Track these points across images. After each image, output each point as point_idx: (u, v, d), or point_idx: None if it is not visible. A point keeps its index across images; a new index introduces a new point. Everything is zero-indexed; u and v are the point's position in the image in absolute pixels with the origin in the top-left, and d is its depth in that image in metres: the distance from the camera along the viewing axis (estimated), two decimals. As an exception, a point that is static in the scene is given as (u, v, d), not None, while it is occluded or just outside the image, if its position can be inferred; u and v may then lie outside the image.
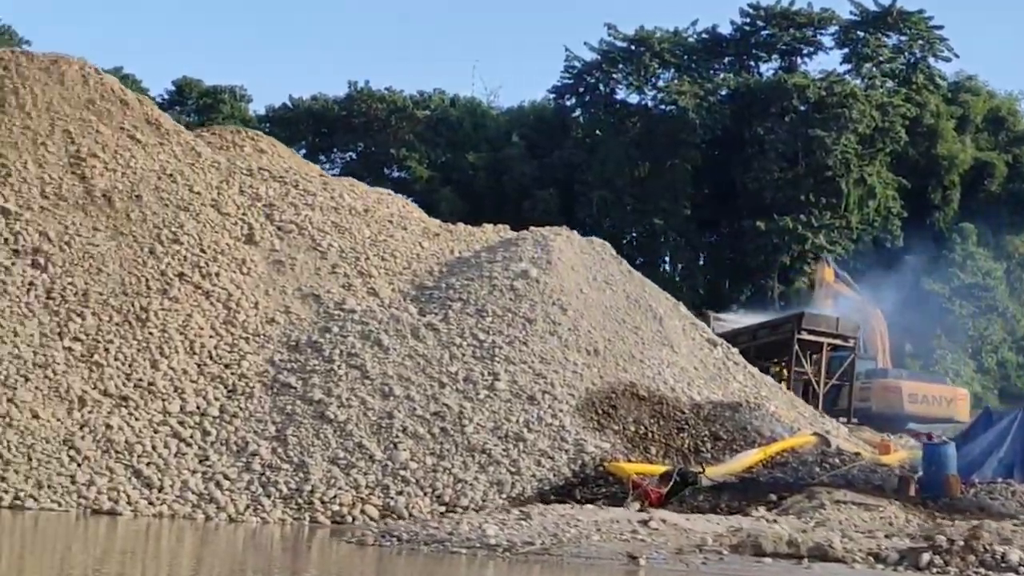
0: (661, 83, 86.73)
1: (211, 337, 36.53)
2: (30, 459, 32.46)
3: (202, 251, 38.40)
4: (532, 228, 42.80)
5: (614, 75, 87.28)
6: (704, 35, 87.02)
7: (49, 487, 32.07)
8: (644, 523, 26.76)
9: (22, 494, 31.71)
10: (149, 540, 29.12)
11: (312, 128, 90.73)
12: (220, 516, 32.27)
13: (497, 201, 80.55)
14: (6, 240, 37.14)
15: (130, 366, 35.24)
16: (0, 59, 41.58)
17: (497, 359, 36.65)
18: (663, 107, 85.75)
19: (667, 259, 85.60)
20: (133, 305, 36.51)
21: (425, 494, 33.34)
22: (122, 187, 39.25)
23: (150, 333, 36.07)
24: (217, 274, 37.93)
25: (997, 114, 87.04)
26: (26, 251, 36.98)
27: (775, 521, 29.32)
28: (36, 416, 33.32)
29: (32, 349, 34.73)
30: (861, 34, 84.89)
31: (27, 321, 35.31)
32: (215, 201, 40.03)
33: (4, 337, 34.72)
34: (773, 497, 32.45)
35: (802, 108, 79.40)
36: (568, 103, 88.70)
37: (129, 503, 32.25)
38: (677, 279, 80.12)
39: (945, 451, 34.18)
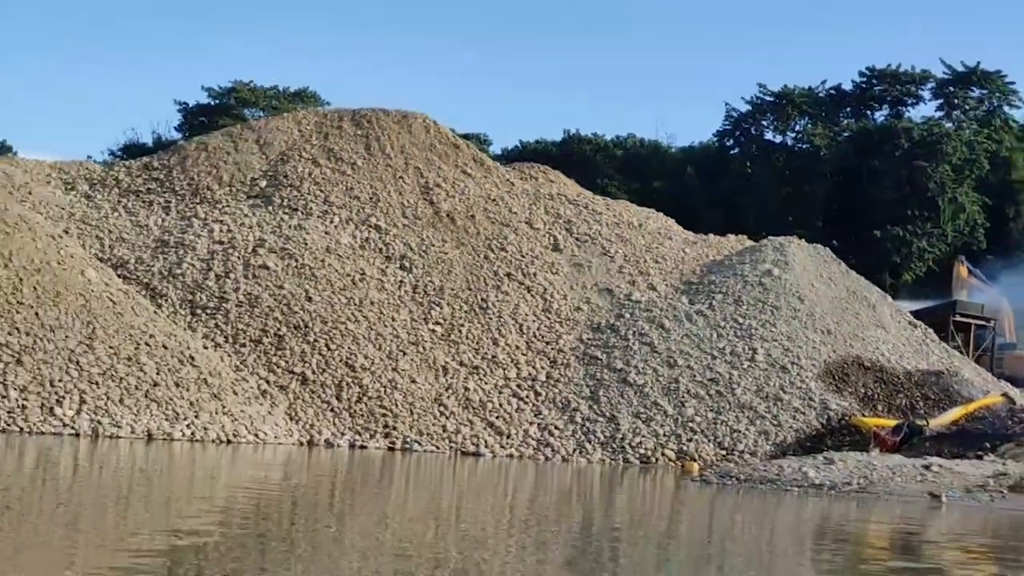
0: (799, 127, 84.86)
1: (534, 321, 36.00)
2: (412, 413, 32.24)
3: (522, 256, 37.87)
4: (770, 237, 41.55)
5: (763, 121, 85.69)
6: (831, 90, 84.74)
7: (428, 435, 31.84)
8: (927, 467, 25.15)
9: (408, 439, 31.28)
10: (520, 474, 28.38)
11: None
12: (555, 457, 31.75)
13: (676, 219, 79.21)
14: (380, 249, 37.03)
15: (477, 343, 34.82)
16: (364, 116, 41.40)
17: (754, 338, 35.67)
18: (801, 145, 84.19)
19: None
20: (476, 297, 36.11)
21: (709, 441, 32.57)
22: (460, 209, 38.88)
23: (490, 319, 35.63)
24: (534, 274, 37.35)
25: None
26: (395, 258, 36.79)
27: (1005, 464, 27.45)
28: (414, 381, 33.07)
29: (406, 331, 34.48)
30: (952, 88, 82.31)
31: (400, 310, 35.06)
32: (528, 219, 39.52)
33: (385, 322, 34.41)
34: (987, 445, 30.70)
35: (907, 145, 76.90)
36: (728, 143, 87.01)
37: (487, 447, 31.84)
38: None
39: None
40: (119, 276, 33.55)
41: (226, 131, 43.28)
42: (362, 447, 30.74)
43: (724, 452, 32.02)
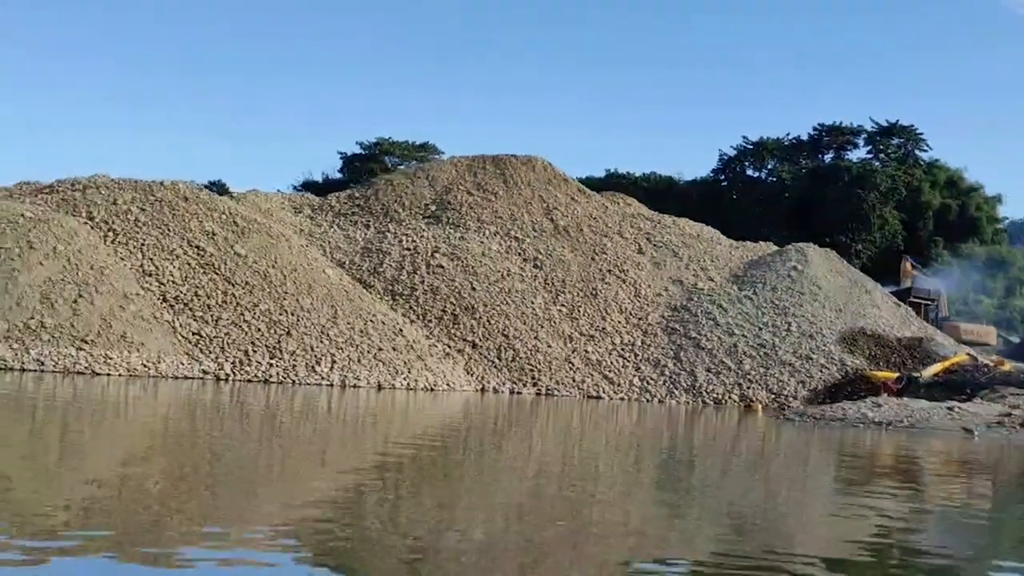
0: (770, 166, 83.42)
1: (629, 303, 35.55)
2: (550, 368, 31.99)
3: (617, 258, 37.40)
4: (793, 243, 40.65)
5: (745, 162, 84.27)
6: (793, 140, 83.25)
7: (563, 383, 31.56)
8: (950, 408, 24.24)
9: (550, 387, 31.02)
10: (617, 415, 27.96)
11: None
12: (653, 400, 31.26)
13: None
14: (519, 253, 36.76)
15: (591, 319, 34.45)
16: (501, 159, 41.13)
17: (788, 315, 35.04)
18: (772, 178, 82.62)
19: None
20: (588, 287, 35.67)
21: (762, 388, 32.06)
22: (572, 224, 38.47)
23: (599, 302, 35.28)
24: (627, 270, 36.86)
25: (952, 179, 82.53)
26: (530, 259, 36.44)
27: (999, 405, 26.48)
28: (550, 346, 32.82)
29: (541, 311, 34.27)
30: (879, 138, 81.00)
31: (536, 296, 34.76)
32: (619, 231, 39.00)
33: (526, 304, 34.12)
34: (968, 391, 29.81)
35: (847, 178, 75.64)
36: (720, 178, 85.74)
37: (604, 392, 31.51)
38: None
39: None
40: (344, 274, 33.51)
41: (403, 171, 43.14)
42: (518, 393, 30.62)
43: (773, 396, 31.55)
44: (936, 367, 32.53)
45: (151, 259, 28.88)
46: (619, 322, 34.38)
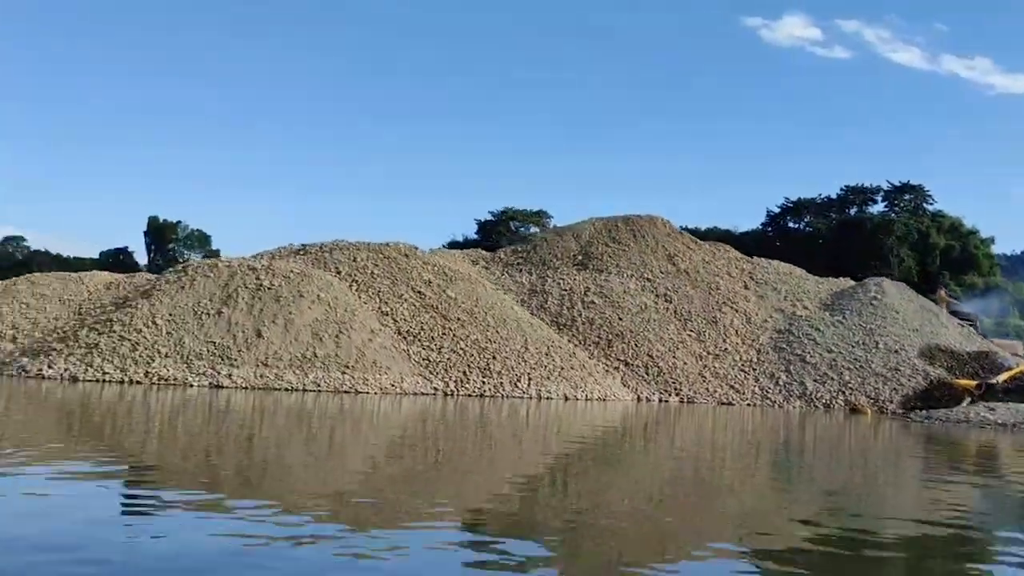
0: (807, 219, 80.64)
1: (743, 328, 34.39)
2: (688, 381, 31.26)
3: (729, 292, 36.34)
4: (871, 277, 38.89)
5: (788, 216, 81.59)
6: (825, 198, 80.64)
7: (699, 392, 30.80)
8: None
9: (690, 396, 29.96)
10: (751, 416, 26.72)
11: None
12: (773, 405, 29.96)
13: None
14: (652, 291, 35.93)
15: (714, 341, 33.53)
16: (630, 219, 40.42)
17: (875, 335, 33.47)
18: (809, 228, 79.77)
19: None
20: (708, 316, 34.67)
21: (861, 394, 30.34)
22: (690, 267, 37.58)
23: (719, 328, 34.34)
24: (737, 302, 35.72)
25: (953, 224, 78.87)
26: (660, 295, 35.65)
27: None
28: (685, 363, 32.09)
29: (675, 336, 33.42)
30: (894, 195, 78.02)
31: (669, 325, 34.01)
32: (727, 272, 37.96)
33: (662, 331, 33.26)
34: (1039, 394, 27.80)
35: (870, 227, 72.90)
36: (768, 230, 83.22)
37: (733, 400, 30.42)
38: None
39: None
40: (522, 310, 33.28)
41: (554, 230, 42.92)
42: (665, 401, 29.88)
43: (872, 400, 29.99)
44: (1005, 375, 30.60)
45: (386, 302, 29.18)
46: (737, 343, 33.34)
